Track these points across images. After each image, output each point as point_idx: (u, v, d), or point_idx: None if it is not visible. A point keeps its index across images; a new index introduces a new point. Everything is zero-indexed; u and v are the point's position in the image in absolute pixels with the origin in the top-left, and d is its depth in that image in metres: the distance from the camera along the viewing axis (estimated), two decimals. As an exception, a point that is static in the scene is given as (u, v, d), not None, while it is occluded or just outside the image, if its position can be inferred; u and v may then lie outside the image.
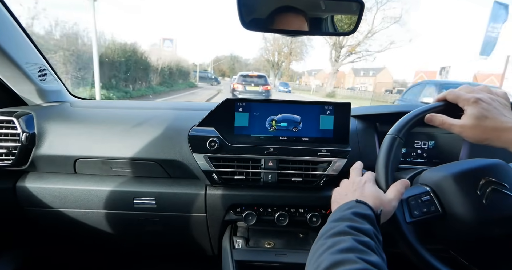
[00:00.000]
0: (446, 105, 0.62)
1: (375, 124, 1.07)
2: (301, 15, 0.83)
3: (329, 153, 0.91)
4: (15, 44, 1.01)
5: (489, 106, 0.54)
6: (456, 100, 0.58)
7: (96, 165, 1.01)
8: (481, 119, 0.53)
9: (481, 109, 0.53)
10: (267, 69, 70.18)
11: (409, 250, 0.60)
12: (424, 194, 0.66)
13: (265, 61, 51.49)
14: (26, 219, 1.06)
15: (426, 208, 0.64)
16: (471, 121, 0.53)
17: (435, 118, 0.60)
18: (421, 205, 0.65)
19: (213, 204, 0.99)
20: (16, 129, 0.95)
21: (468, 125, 0.54)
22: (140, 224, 1.04)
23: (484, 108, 0.53)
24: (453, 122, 0.57)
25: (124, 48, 10.51)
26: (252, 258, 0.96)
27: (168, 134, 0.98)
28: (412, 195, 0.66)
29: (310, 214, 0.97)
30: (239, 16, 0.77)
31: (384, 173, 0.63)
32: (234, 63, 68.27)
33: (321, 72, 77.79)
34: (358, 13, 0.82)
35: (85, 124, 1.02)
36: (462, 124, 0.55)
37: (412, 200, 0.65)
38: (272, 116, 0.92)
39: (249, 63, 72.58)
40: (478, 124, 0.53)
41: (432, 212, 0.64)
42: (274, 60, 47.01)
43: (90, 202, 1.00)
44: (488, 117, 0.52)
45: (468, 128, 0.54)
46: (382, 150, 0.65)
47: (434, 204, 0.65)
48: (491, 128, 0.52)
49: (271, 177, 0.93)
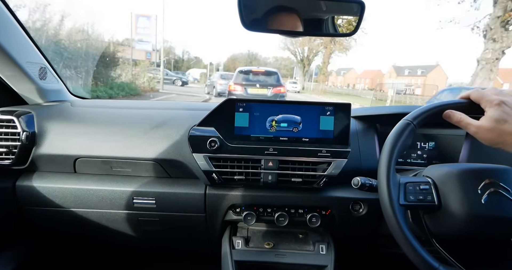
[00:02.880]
0: (468, 104, 0.61)
1: (376, 125, 1.07)
2: (302, 16, 0.83)
3: (329, 154, 0.91)
4: (15, 43, 1.01)
5: (511, 109, 0.53)
6: (480, 100, 0.58)
7: (96, 165, 1.01)
8: (500, 122, 0.52)
9: (502, 112, 0.53)
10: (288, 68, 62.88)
11: (398, 232, 0.61)
12: (423, 183, 0.67)
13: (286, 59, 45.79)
14: (26, 218, 1.06)
15: (422, 196, 0.65)
16: (489, 123, 0.53)
17: (454, 115, 0.60)
18: (418, 192, 0.66)
19: (212, 204, 0.99)
20: (16, 129, 0.95)
21: (485, 127, 0.54)
22: (140, 223, 1.04)
23: (505, 111, 0.53)
24: (471, 122, 0.56)
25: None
26: (252, 258, 0.96)
27: (168, 134, 0.98)
28: (411, 181, 0.67)
29: (309, 215, 0.97)
30: (239, 17, 0.77)
31: (388, 153, 0.63)
32: (252, 61, 62.93)
33: (351, 72, 69.42)
34: (359, 14, 0.82)
35: (85, 124, 1.02)
36: (479, 125, 0.55)
37: (410, 185, 0.66)
38: (272, 117, 0.92)
39: (268, 61, 67.89)
40: (495, 127, 0.53)
41: (427, 201, 0.65)
42: (303, 54, 35.52)
43: (90, 201, 1.00)
44: (508, 121, 0.52)
45: (485, 130, 0.54)
46: (393, 131, 0.65)
47: (431, 194, 0.66)
48: (507, 133, 0.52)
49: (271, 177, 0.93)
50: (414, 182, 0.67)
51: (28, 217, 1.06)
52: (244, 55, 64.62)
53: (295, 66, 39.79)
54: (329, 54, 31.73)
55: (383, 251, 1.11)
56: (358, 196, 0.97)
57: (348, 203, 0.98)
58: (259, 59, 65.91)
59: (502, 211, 0.61)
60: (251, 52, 64.98)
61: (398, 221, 0.60)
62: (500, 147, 0.54)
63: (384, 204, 0.62)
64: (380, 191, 0.63)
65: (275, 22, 0.82)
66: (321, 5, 0.83)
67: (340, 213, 0.99)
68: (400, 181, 0.65)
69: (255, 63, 61.42)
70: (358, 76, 67.82)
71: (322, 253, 0.98)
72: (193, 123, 0.94)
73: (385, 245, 1.07)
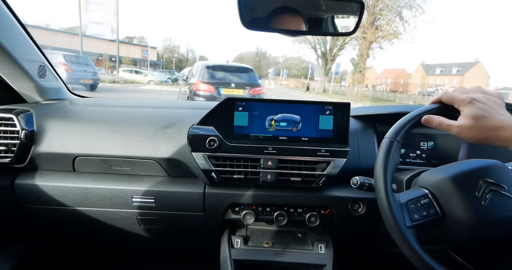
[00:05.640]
0: (442, 107, 0.62)
1: (375, 125, 1.08)
2: (302, 15, 0.83)
3: (328, 153, 0.91)
4: (14, 41, 1.01)
5: (485, 105, 0.54)
6: (451, 102, 0.58)
7: (95, 163, 1.01)
8: (478, 118, 0.52)
9: (477, 109, 0.53)
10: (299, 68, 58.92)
11: (412, 255, 0.60)
12: (423, 197, 0.66)
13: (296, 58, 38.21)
14: (25, 216, 1.06)
15: (425, 211, 0.64)
16: (468, 121, 0.53)
17: (433, 120, 0.60)
18: (420, 208, 0.64)
19: (212, 203, 0.99)
20: (15, 127, 0.95)
21: (466, 125, 0.54)
22: (139, 222, 1.04)
23: (480, 108, 0.53)
24: (451, 123, 0.57)
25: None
26: (251, 257, 0.96)
27: (167, 133, 0.98)
28: (411, 198, 0.66)
29: (308, 214, 0.98)
30: (239, 16, 0.77)
31: (383, 177, 0.63)
32: (260, 59, 60.38)
33: (370, 71, 59.44)
34: (358, 13, 0.82)
35: (85, 122, 1.02)
36: (460, 125, 0.55)
37: (412, 204, 0.65)
38: (272, 116, 0.92)
39: (278, 61, 64.12)
40: (476, 124, 0.53)
41: (432, 215, 0.64)
42: (325, 47, 27.32)
43: (89, 200, 1.00)
44: (485, 116, 0.52)
45: (466, 128, 0.54)
46: (380, 153, 0.64)
47: (433, 207, 0.65)
48: (489, 128, 0.52)
49: (270, 176, 0.93)
50: (414, 198, 0.66)
51: (27, 215, 1.06)
52: (252, 54, 62.16)
53: (310, 65, 34.00)
54: (369, 44, 21.56)
55: (381, 250, 1.11)
56: (357, 196, 0.97)
57: (347, 203, 0.98)
58: (268, 58, 63.39)
59: (505, 210, 0.61)
60: (259, 51, 62.24)
61: (409, 244, 0.59)
62: (487, 143, 0.54)
63: (391, 228, 0.61)
64: (384, 216, 0.62)
65: (275, 21, 0.82)
66: (321, 4, 0.83)
67: (339, 212, 0.99)
68: (401, 200, 0.64)
69: (264, 63, 58.37)
70: (378, 76, 61.00)
71: (321, 252, 0.98)
72: (192, 122, 0.94)
73: (384, 244, 1.07)
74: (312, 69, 38.18)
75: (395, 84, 50.15)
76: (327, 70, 28.28)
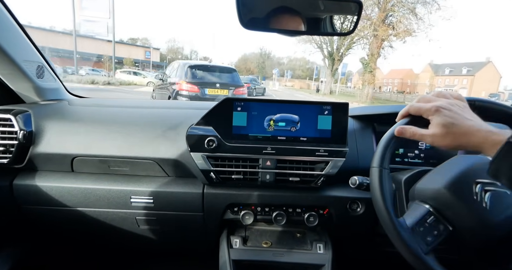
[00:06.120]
0: (412, 120, 0.61)
1: (373, 125, 1.08)
2: (300, 15, 0.83)
3: (327, 153, 0.91)
4: (13, 41, 1.00)
5: (451, 112, 0.54)
6: (419, 112, 0.58)
7: (94, 164, 1.01)
8: (448, 126, 0.53)
9: (444, 117, 0.54)
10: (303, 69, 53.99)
11: None
12: (427, 215, 0.65)
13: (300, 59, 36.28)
14: (23, 217, 1.06)
15: (435, 230, 0.63)
16: (439, 130, 0.54)
17: (406, 130, 0.60)
18: (429, 228, 0.63)
19: (210, 203, 0.99)
20: (14, 127, 0.95)
21: (438, 134, 0.54)
22: (138, 223, 1.04)
23: (447, 115, 0.53)
24: (424, 133, 0.57)
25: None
26: (249, 257, 0.96)
27: (166, 133, 0.98)
28: (417, 220, 0.64)
29: (307, 214, 0.98)
30: (238, 16, 0.77)
31: (384, 208, 0.61)
32: (264, 60, 59.03)
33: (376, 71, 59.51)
34: (356, 13, 0.83)
35: (83, 123, 1.01)
36: (432, 134, 0.55)
37: (420, 226, 0.63)
38: (270, 116, 0.92)
39: (282, 62, 63.34)
40: (447, 132, 0.53)
41: (443, 231, 0.63)
42: (332, 46, 26.11)
43: (87, 200, 0.99)
44: (454, 123, 0.52)
45: (439, 137, 0.54)
46: (373, 185, 0.63)
47: (441, 223, 0.64)
48: (459, 134, 0.52)
49: (269, 176, 0.93)
50: (420, 219, 0.64)
51: (25, 216, 1.06)
52: (256, 54, 61.29)
53: (316, 65, 32.34)
54: (380, 42, 19.96)
55: (380, 249, 1.11)
56: (356, 195, 0.97)
57: (346, 202, 0.98)
58: (272, 59, 62.50)
59: (506, 207, 0.61)
60: (263, 52, 60.86)
61: None
62: (460, 149, 0.55)
63: (410, 260, 0.59)
64: (399, 248, 0.59)
65: (273, 21, 0.82)
66: (319, 4, 0.83)
67: (337, 212, 0.99)
68: (408, 225, 0.62)
69: (268, 64, 57.43)
70: (384, 76, 58.45)
71: (319, 252, 0.98)
72: (191, 123, 0.94)
73: (382, 244, 1.07)
74: (317, 70, 36.68)
75: (402, 84, 48.77)
76: (333, 70, 27.09)
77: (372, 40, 20.37)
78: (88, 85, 13.11)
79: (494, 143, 0.48)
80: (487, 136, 0.49)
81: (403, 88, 43.63)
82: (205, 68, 6.24)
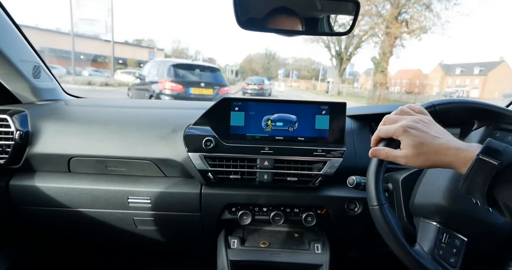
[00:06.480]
0: (387, 143, 0.59)
1: (370, 124, 1.08)
2: (297, 15, 0.83)
3: (324, 153, 0.92)
4: (8, 41, 1.00)
5: (417, 131, 0.53)
6: (389, 135, 0.57)
7: (91, 164, 1.00)
8: (418, 147, 0.52)
9: (412, 137, 0.53)
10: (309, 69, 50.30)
11: None
12: (440, 234, 0.63)
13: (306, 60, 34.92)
14: (20, 217, 1.06)
15: (454, 248, 0.62)
16: (411, 151, 0.53)
17: (379, 152, 0.59)
18: (447, 248, 0.62)
19: (208, 203, 0.99)
20: (10, 128, 0.94)
21: (410, 155, 0.53)
22: (135, 223, 1.04)
23: (414, 135, 0.53)
24: (397, 154, 0.56)
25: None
26: (247, 257, 0.96)
27: (163, 133, 0.98)
28: (432, 244, 0.63)
29: (305, 214, 0.98)
30: (235, 16, 0.77)
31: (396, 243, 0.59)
32: (270, 61, 58.08)
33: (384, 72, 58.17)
34: (354, 13, 0.83)
35: (80, 123, 1.01)
36: (405, 155, 0.54)
37: (439, 250, 0.62)
38: (268, 116, 0.92)
39: (287, 63, 62.07)
40: (418, 153, 0.52)
41: (461, 245, 0.62)
42: (340, 46, 24.46)
43: (84, 201, 0.99)
44: (423, 143, 0.52)
45: (411, 158, 0.53)
46: (380, 225, 0.61)
47: (455, 237, 0.63)
48: (431, 154, 0.51)
49: (267, 176, 0.93)
50: (434, 243, 0.62)
51: (22, 217, 1.05)
52: (261, 55, 60.13)
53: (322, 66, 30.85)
54: (393, 40, 18.65)
55: (377, 249, 1.12)
56: (353, 195, 0.98)
57: (344, 202, 0.98)
58: (277, 59, 61.17)
59: None
60: (268, 52, 59.77)
61: None
62: (434, 167, 0.53)
63: None
64: None
65: (270, 21, 0.82)
66: (316, 4, 0.83)
67: (335, 212, 0.99)
68: (427, 252, 0.61)
69: (273, 65, 56.22)
70: (392, 77, 54.48)
71: (317, 252, 0.98)
72: (188, 123, 0.94)
73: (380, 244, 1.08)
74: (323, 70, 35.68)
75: (410, 85, 46.74)
76: (341, 70, 25.69)
77: (384, 38, 19.17)
78: (84, 86, 12.89)
79: (464, 161, 0.48)
80: (457, 154, 0.49)
81: (412, 88, 42.19)
82: (188, 67, 6.14)
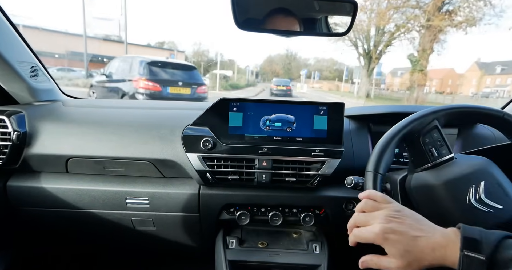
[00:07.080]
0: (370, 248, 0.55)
1: (369, 125, 1.08)
2: (295, 16, 0.83)
3: (322, 153, 0.92)
4: (6, 42, 1.00)
5: (396, 235, 0.49)
6: (369, 241, 0.52)
7: (89, 165, 1.00)
8: (405, 256, 0.48)
9: (395, 244, 0.48)
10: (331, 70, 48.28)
11: None
12: None
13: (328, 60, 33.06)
14: (17, 218, 1.05)
15: None
16: (401, 262, 0.48)
17: (368, 262, 0.54)
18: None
19: (206, 203, 0.99)
20: (7, 128, 0.94)
21: (402, 265, 0.49)
22: (133, 224, 1.03)
23: (396, 241, 0.48)
24: (387, 265, 0.51)
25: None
26: (245, 258, 0.96)
27: (161, 134, 0.98)
28: None
29: (303, 214, 0.98)
30: (233, 16, 0.77)
31: None
32: (291, 62, 55.88)
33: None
34: (351, 14, 0.83)
35: (78, 124, 1.01)
36: (397, 266, 0.49)
37: None
38: (266, 116, 0.92)
39: (308, 63, 60.35)
40: (408, 262, 0.48)
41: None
42: (369, 44, 21.60)
43: (82, 201, 0.99)
44: (409, 250, 0.48)
45: (406, 267, 0.49)
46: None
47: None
48: (420, 259, 0.48)
49: (265, 176, 0.93)
50: None
51: (19, 217, 1.05)
52: (282, 56, 58.35)
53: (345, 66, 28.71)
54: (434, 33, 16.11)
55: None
56: (352, 195, 0.98)
57: (342, 202, 0.99)
58: (298, 60, 59.05)
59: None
60: (289, 53, 57.65)
61: None
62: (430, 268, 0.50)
63: None
64: None
65: (268, 21, 0.82)
66: (314, 5, 0.84)
67: (333, 212, 0.99)
68: None
69: (294, 65, 54.56)
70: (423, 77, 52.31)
71: (315, 252, 0.98)
72: (186, 123, 0.94)
73: None
74: (347, 71, 33.25)
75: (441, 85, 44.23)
76: (370, 70, 22.35)
77: (424, 32, 16.90)
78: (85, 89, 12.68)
79: (452, 259, 0.45)
80: (442, 254, 0.46)
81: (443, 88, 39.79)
82: (164, 65, 5.93)
